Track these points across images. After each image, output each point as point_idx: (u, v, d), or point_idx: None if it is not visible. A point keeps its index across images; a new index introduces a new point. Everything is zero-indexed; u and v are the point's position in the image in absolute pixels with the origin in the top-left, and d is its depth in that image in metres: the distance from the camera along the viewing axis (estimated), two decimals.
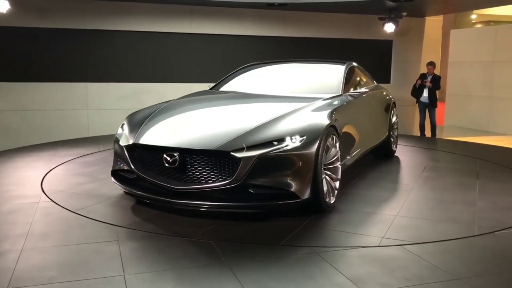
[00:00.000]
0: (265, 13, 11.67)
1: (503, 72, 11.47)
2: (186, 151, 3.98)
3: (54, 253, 3.40)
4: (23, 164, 6.33)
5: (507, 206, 4.63)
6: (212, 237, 3.72)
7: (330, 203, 4.37)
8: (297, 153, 3.96)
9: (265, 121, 4.22)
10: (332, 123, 4.41)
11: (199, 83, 10.76)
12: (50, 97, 10.24)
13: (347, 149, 5.06)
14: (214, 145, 3.93)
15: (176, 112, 4.83)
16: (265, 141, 3.96)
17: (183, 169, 3.99)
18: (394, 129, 7.17)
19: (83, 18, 10.32)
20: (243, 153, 3.86)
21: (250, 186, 3.90)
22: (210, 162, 3.94)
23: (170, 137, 4.23)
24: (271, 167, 3.91)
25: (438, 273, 3.15)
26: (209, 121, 4.53)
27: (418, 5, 10.95)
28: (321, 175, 4.13)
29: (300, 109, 4.57)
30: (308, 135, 4.06)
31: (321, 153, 4.12)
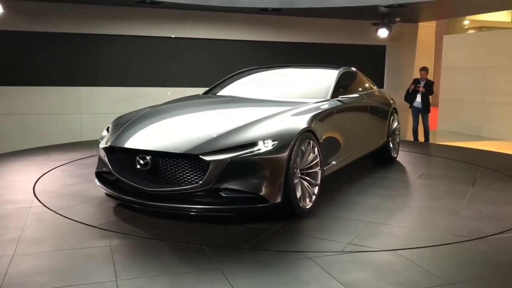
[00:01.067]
0: (259, 18, 11.70)
1: (495, 78, 11.55)
2: (158, 154, 4.05)
3: (46, 259, 3.38)
4: (15, 168, 6.29)
5: (490, 215, 4.53)
6: (198, 241, 3.71)
7: (306, 208, 4.34)
8: (268, 157, 3.97)
9: (240, 125, 4.24)
10: (309, 128, 4.41)
11: (193, 87, 10.76)
12: (43, 101, 10.20)
13: (331, 154, 5.02)
14: (183, 148, 3.98)
15: (157, 116, 4.88)
16: (237, 144, 3.98)
17: (155, 171, 4.05)
18: (396, 135, 7.10)
19: (77, 22, 10.30)
20: (212, 156, 3.90)
21: (221, 189, 3.93)
22: (180, 165, 4.00)
23: (144, 140, 4.30)
24: (242, 171, 3.94)
25: (431, 278, 3.16)
26: (186, 125, 4.60)
27: (411, 10, 11.01)
28: (293, 179, 4.12)
29: (279, 113, 4.57)
30: (280, 140, 4.07)
31: (294, 157, 4.12)
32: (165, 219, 4.24)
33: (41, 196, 4.92)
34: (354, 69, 6.68)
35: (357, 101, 5.91)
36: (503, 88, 11.31)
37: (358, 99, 5.97)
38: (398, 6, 10.16)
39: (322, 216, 4.42)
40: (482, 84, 11.81)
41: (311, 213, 4.43)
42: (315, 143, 4.49)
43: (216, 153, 3.92)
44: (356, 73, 6.64)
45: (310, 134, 4.43)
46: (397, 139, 7.18)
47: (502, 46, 11.40)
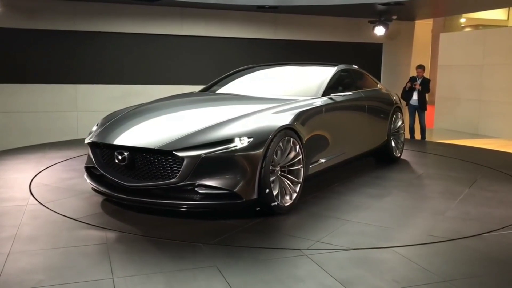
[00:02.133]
0: (256, 15, 11.69)
1: (491, 76, 11.57)
2: (135, 149, 4.13)
3: (42, 256, 3.37)
4: (11, 166, 6.27)
5: (477, 216, 4.45)
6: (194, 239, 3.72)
7: (284, 205, 4.34)
8: (242, 154, 4.00)
9: (218, 122, 4.28)
10: (290, 126, 4.41)
11: (190, 85, 10.76)
12: (39, 98, 10.18)
13: (319, 152, 5.01)
14: (158, 144, 4.04)
15: (142, 113, 4.91)
16: (212, 141, 4.03)
17: (133, 167, 4.14)
18: (400, 134, 7.01)
19: (73, 20, 10.27)
20: (186, 152, 3.94)
21: (196, 185, 3.98)
22: (156, 160, 4.06)
23: (123, 136, 4.35)
24: (216, 167, 3.98)
25: (427, 275, 3.17)
26: (167, 122, 4.63)
27: (408, 8, 11.03)
28: (269, 176, 4.13)
29: (261, 111, 4.57)
30: (256, 137, 4.09)
31: (270, 154, 4.13)
32: (162, 216, 4.24)
33: (37, 194, 4.91)
34: (355, 67, 6.63)
35: (352, 99, 5.86)
36: (499, 86, 11.35)
37: (354, 97, 5.92)
38: (395, 4, 10.18)
39: (301, 214, 4.41)
40: (479, 82, 11.84)
41: (292, 211, 4.43)
42: (297, 140, 4.49)
43: (190, 149, 3.97)
44: (357, 71, 6.59)
45: (291, 131, 4.43)
46: (402, 139, 7.08)
47: (498, 44, 11.43)
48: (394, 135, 6.90)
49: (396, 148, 6.91)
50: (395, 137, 6.92)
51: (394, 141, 6.88)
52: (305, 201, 4.76)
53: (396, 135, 6.96)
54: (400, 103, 7.11)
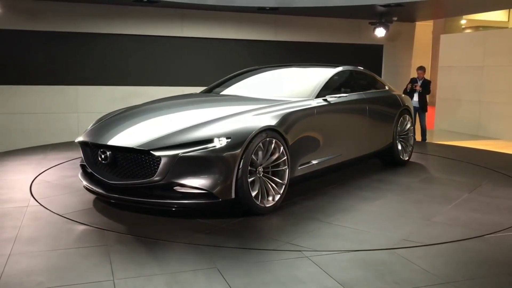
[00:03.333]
0: (257, 17, 11.70)
1: (492, 77, 11.57)
2: (115, 148, 4.24)
3: (43, 258, 3.37)
4: (12, 167, 6.27)
5: (463, 222, 4.31)
6: (195, 240, 3.71)
7: (265, 206, 4.36)
8: (219, 154, 4.05)
9: (199, 122, 4.34)
10: (273, 127, 4.43)
11: (190, 86, 10.76)
12: (40, 100, 10.18)
13: (309, 154, 5.00)
14: (136, 143, 4.13)
15: (132, 114, 4.96)
16: (191, 141, 4.09)
17: (116, 165, 4.26)
18: (408, 137, 6.86)
19: (74, 21, 10.28)
20: (164, 152, 4.01)
21: (173, 184, 4.04)
22: (135, 159, 4.16)
23: (107, 136, 4.43)
24: (193, 167, 4.03)
25: (428, 277, 3.17)
26: (151, 122, 4.66)
27: (408, 10, 11.04)
28: (247, 177, 4.15)
29: (245, 112, 4.59)
30: (234, 137, 4.13)
31: (248, 155, 4.15)
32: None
33: (37, 195, 4.91)
34: (360, 69, 6.57)
35: (351, 101, 5.80)
36: (500, 88, 11.34)
37: (353, 99, 5.86)
38: (395, 6, 10.18)
39: (283, 215, 4.41)
40: (479, 83, 11.83)
41: (275, 211, 4.45)
42: (280, 142, 4.49)
43: (168, 149, 4.04)
44: (362, 72, 6.53)
45: (273, 133, 4.45)
46: (410, 141, 6.90)
47: (499, 46, 11.42)
48: (401, 138, 6.75)
49: (403, 151, 6.75)
50: (403, 139, 6.78)
51: (401, 144, 6.74)
52: (294, 202, 4.78)
53: (404, 138, 6.80)
54: (408, 106, 6.94)
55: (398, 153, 6.64)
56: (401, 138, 6.76)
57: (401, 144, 6.76)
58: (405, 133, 6.84)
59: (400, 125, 6.70)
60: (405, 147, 6.82)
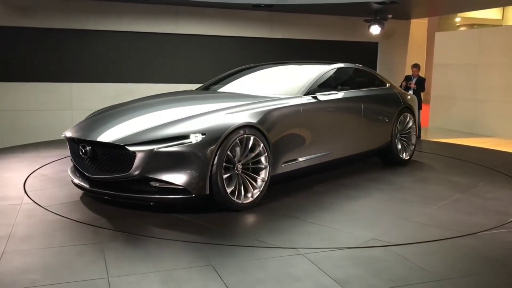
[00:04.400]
0: (252, 14, 11.68)
1: (486, 75, 11.60)
2: (94, 143, 4.33)
3: (37, 256, 3.35)
4: (5, 165, 6.24)
5: (443, 223, 4.20)
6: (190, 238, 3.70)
7: (243, 203, 4.38)
8: (193, 150, 4.09)
9: (177, 118, 4.38)
10: (251, 124, 4.43)
11: (185, 83, 10.74)
12: (33, 97, 10.13)
13: (294, 151, 4.98)
14: (112, 139, 4.22)
15: (118, 110, 4.99)
16: (166, 137, 4.14)
17: (96, 160, 4.35)
18: (410, 136, 6.74)
19: (67, 18, 10.22)
20: (139, 147, 4.07)
21: (149, 179, 4.11)
22: (113, 154, 4.24)
23: (88, 131, 4.52)
24: (168, 162, 4.08)
25: (422, 274, 3.17)
26: (133, 118, 4.66)
27: (403, 7, 11.05)
28: (221, 173, 4.17)
29: (226, 108, 4.60)
30: (209, 133, 4.17)
31: (223, 151, 4.18)
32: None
33: (31, 193, 4.88)
34: (358, 66, 6.48)
35: (344, 98, 5.75)
36: (494, 85, 11.37)
37: (347, 96, 5.82)
38: (390, 3, 10.19)
39: (260, 212, 4.42)
40: (474, 81, 11.87)
41: (253, 208, 4.47)
42: (260, 138, 4.50)
43: (143, 144, 4.09)
44: (359, 70, 6.46)
45: (253, 129, 4.46)
46: (412, 140, 6.79)
47: (493, 43, 11.45)
48: (402, 137, 6.65)
49: (403, 150, 6.65)
50: (403, 139, 6.68)
51: (402, 143, 6.65)
52: (276, 199, 4.80)
53: (405, 137, 6.70)
54: (410, 104, 6.79)
55: (397, 152, 6.53)
56: (402, 137, 6.66)
57: (402, 143, 6.66)
58: (407, 132, 6.73)
59: (401, 123, 6.59)
60: (406, 146, 6.72)
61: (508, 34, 11.36)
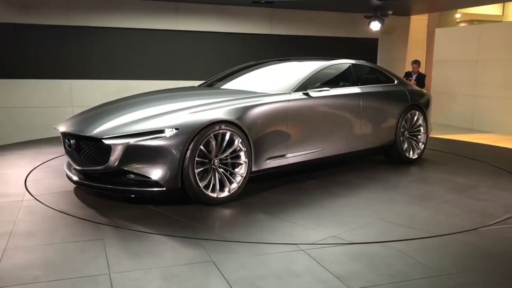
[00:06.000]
0: (252, 10, 11.66)
1: (486, 71, 11.60)
2: (76, 136, 4.50)
3: (38, 252, 3.37)
4: (7, 162, 6.25)
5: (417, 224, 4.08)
6: (189, 234, 3.72)
7: (218, 197, 4.45)
8: (166, 144, 4.19)
9: (155, 113, 4.49)
10: (227, 119, 4.47)
11: (184, 80, 10.74)
12: (34, 94, 10.13)
13: (279, 147, 4.97)
14: (90, 132, 4.36)
15: (110, 106, 5.10)
16: (141, 131, 4.25)
17: (79, 152, 4.53)
18: (418, 135, 6.56)
19: (67, 14, 10.21)
20: (114, 140, 4.21)
21: (124, 171, 4.25)
22: (93, 147, 4.39)
23: (73, 124, 4.69)
24: (141, 156, 4.21)
25: (422, 270, 3.19)
26: (117, 113, 4.73)
27: (403, 4, 11.04)
28: (193, 168, 4.24)
29: (205, 104, 4.66)
30: (182, 128, 4.26)
31: (197, 146, 4.27)
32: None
33: (32, 190, 4.90)
34: (361, 62, 6.35)
35: (340, 95, 5.68)
36: (494, 81, 11.37)
37: (343, 93, 5.73)
38: None
39: (234, 208, 4.46)
40: (474, 77, 11.86)
41: (230, 203, 4.52)
42: (238, 134, 4.54)
43: (119, 138, 4.22)
44: (362, 66, 6.34)
45: (231, 125, 4.51)
46: (421, 139, 6.59)
47: (493, 40, 11.44)
48: (410, 135, 6.48)
49: (410, 149, 6.46)
50: (412, 137, 6.51)
51: (410, 141, 6.48)
52: (257, 195, 4.84)
53: (413, 135, 6.52)
54: (420, 102, 6.57)
55: (403, 151, 6.35)
56: (410, 135, 6.48)
57: (409, 142, 6.48)
58: (415, 130, 6.54)
59: (408, 121, 6.41)
60: (414, 145, 6.53)
61: (509, 30, 11.35)
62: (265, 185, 5.17)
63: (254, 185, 5.05)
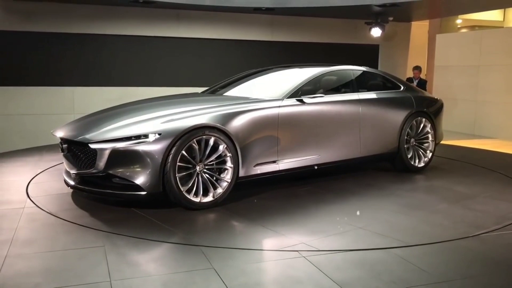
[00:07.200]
0: (253, 17, 11.70)
1: (487, 76, 11.60)
2: (67, 141, 4.62)
3: (40, 259, 3.37)
4: (8, 169, 6.26)
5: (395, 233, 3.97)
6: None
7: (201, 202, 4.48)
8: (147, 149, 4.27)
9: (142, 119, 4.58)
10: (211, 125, 4.51)
11: (186, 86, 10.76)
12: (36, 101, 10.16)
13: (269, 153, 4.95)
14: (77, 136, 4.49)
15: (106, 112, 5.18)
16: (126, 136, 4.35)
17: (72, 156, 4.64)
18: (425, 143, 6.39)
19: (69, 22, 10.26)
20: (100, 145, 4.32)
21: (109, 175, 4.35)
22: (82, 151, 4.51)
23: (67, 129, 4.79)
24: (125, 160, 4.31)
25: (424, 276, 3.18)
26: (109, 118, 4.81)
27: (404, 10, 11.06)
28: (174, 172, 4.30)
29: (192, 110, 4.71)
30: (164, 134, 4.33)
31: (179, 151, 4.32)
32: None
33: (34, 197, 4.90)
34: (362, 68, 6.25)
35: (336, 101, 5.59)
36: (496, 87, 11.37)
37: (340, 99, 5.65)
38: (391, 5, 10.20)
39: (216, 213, 4.48)
40: (475, 82, 11.86)
41: (213, 209, 4.54)
42: (224, 140, 4.57)
43: (104, 142, 4.33)
44: (364, 72, 6.24)
45: (216, 130, 4.54)
46: (429, 147, 6.41)
47: (494, 45, 11.45)
48: (417, 143, 6.33)
49: (416, 157, 6.29)
50: (418, 145, 6.34)
51: (416, 149, 6.31)
52: (244, 200, 4.85)
53: (420, 143, 6.36)
54: (427, 108, 6.39)
55: (407, 159, 6.18)
56: (417, 143, 6.33)
57: (415, 150, 6.31)
58: (423, 137, 6.38)
59: (413, 129, 6.25)
60: (421, 153, 6.37)
61: (509, 35, 11.36)
62: (255, 191, 5.18)
63: (244, 191, 5.08)
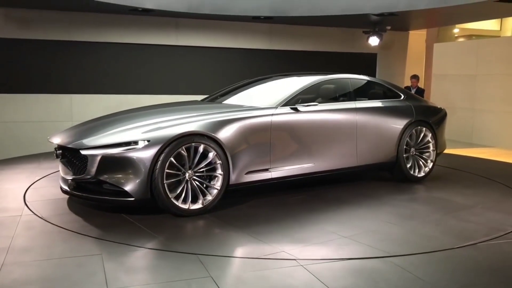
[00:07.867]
0: (251, 26, 11.75)
1: (485, 85, 11.65)
2: (61, 147, 4.69)
3: (36, 268, 3.35)
4: (6, 177, 6.25)
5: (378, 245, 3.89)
6: (194, 249, 3.71)
7: (189, 208, 4.50)
8: (135, 156, 4.33)
9: (132, 126, 4.64)
10: (200, 132, 4.54)
11: (184, 95, 10.77)
12: (34, 108, 10.16)
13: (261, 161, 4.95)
14: (69, 143, 4.57)
15: (103, 118, 5.27)
16: (115, 142, 4.42)
17: (66, 162, 4.72)
18: (425, 152, 6.31)
19: (68, 30, 10.29)
20: (91, 151, 4.39)
21: (99, 181, 4.41)
22: (75, 157, 4.57)
23: (61, 136, 4.85)
24: (114, 166, 4.37)
25: (421, 285, 3.17)
26: (105, 125, 4.87)
27: (401, 19, 11.12)
28: (162, 179, 4.33)
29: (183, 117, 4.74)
30: (153, 141, 4.38)
31: (167, 158, 4.37)
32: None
33: (31, 205, 4.89)
34: (360, 77, 6.22)
35: (331, 110, 5.59)
36: (493, 96, 11.42)
37: (335, 108, 5.65)
38: (389, 15, 10.26)
39: (203, 220, 4.49)
40: (472, 91, 11.92)
41: (201, 216, 4.55)
42: (213, 147, 4.59)
43: (95, 149, 4.40)
44: (362, 81, 6.22)
45: (205, 138, 4.58)
46: (430, 157, 6.33)
47: (491, 54, 11.51)
48: (417, 153, 6.25)
49: (416, 167, 6.21)
50: (418, 154, 6.27)
51: (416, 159, 6.23)
52: (234, 208, 4.86)
53: (420, 153, 6.29)
54: (427, 117, 6.32)
55: (406, 169, 6.11)
56: (417, 153, 6.25)
57: (415, 160, 6.23)
58: (423, 147, 6.31)
59: (413, 138, 6.18)
60: (422, 163, 6.29)
61: (506, 45, 11.43)
62: (247, 199, 5.19)
63: (236, 199, 5.10)
